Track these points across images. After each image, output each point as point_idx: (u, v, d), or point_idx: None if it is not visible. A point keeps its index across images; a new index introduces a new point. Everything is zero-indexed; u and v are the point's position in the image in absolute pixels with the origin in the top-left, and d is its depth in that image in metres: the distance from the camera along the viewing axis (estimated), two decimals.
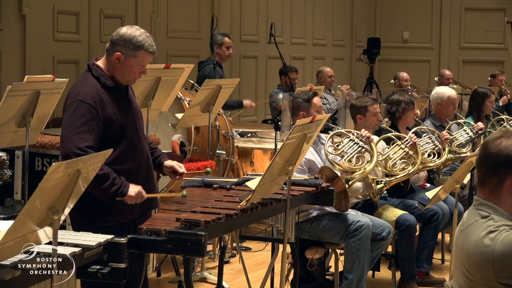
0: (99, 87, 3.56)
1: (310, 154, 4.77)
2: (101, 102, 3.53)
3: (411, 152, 5.26)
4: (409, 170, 5.20)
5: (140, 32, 3.60)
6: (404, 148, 5.26)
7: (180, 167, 3.83)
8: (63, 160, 4.03)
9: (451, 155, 5.74)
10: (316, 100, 4.89)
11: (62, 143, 3.49)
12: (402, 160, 5.22)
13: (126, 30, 3.59)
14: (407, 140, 5.31)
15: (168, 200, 4.62)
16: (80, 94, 3.52)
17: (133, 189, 3.51)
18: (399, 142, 5.29)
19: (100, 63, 3.65)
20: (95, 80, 3.58)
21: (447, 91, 6.58)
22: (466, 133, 6.10)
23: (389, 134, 5.39)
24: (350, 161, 4.86)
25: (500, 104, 9.16)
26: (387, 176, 5.22)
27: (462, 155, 5.79)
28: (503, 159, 2.51)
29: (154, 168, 3.88)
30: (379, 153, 5.12)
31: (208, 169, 4.32)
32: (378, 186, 5.06)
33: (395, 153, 5.26)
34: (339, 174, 4.69)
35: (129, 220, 3.66)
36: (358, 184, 5.00)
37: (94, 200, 3.48)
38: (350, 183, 4.72)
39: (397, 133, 5.43)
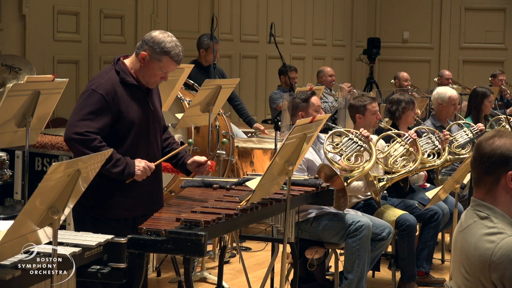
0: (117, 81, 3.61)
1: (309, 153, 4.77)
2: (115, 95, 3.56)
3: (411, 149, 5.26)
4: (410, 167, 5.20)
5: (171, 39, 3.63)
6: (404, 145, 5.25)
7: (201, 158, 3.85)
8: (64, 144, 4.05)
9: (450, 156, 5.73)
10: (314, 99, 4.87)
11: (66, 127, 3.55)
12: (402, 157, 5.22)
13: (159, 33, 3.64)
14: (407, 137, 5.31)
15: (168, 200, 4.62)
16: (95, 84, 3.58)
17: (139, 167, 3.55)
18: (399, 140, 5.29)
19: (127, 60, 3.70)
20: (116, 74, 3.63)
21: (448, 91, 6.58)
22: (466, 134, 6.09)
23: (389, 132, 5.38)
24: (348, 159, 4.85)
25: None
26: (388, 173, 5.21)
27: (461, 156, 5.79)
28: (496, 159, 2.51)
29: (181, 171, 3.91)
30: (379, 151, 5.11)
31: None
32: (380, 184, 5.06)
33: (395, 150, 5.26)
34: (338, 172, 4.69)
35: (129, 217, 3.68)
36: (360, 183, 5.00)
37: (96, 193, 3.52)
38: (349, 181, 4.71)
39: (396, 131, 5.43)
